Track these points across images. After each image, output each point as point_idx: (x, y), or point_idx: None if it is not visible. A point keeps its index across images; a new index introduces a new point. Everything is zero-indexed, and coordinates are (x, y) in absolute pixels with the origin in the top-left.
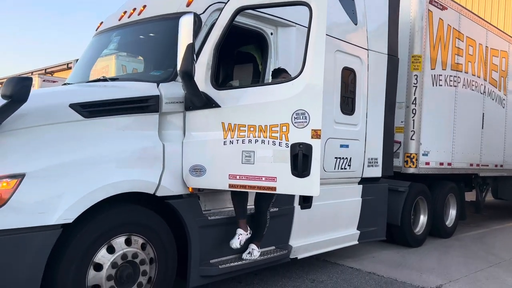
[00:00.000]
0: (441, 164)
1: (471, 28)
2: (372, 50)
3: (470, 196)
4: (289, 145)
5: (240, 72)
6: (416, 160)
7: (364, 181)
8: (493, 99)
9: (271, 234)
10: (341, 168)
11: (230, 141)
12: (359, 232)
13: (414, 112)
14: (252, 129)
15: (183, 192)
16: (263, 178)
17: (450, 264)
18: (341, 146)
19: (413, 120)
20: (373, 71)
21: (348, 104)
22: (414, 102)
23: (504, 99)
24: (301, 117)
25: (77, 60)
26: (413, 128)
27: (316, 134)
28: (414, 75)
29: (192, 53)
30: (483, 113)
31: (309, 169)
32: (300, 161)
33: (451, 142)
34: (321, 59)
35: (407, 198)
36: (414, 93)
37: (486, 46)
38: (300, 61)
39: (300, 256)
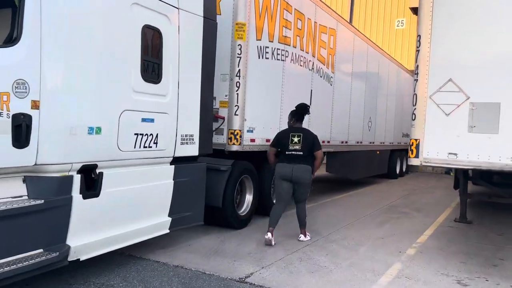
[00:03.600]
0: (268, 140)
1: (300, 1)
2: (184, 9)
3: None
4: (11, 116)
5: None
6: (240, 136)
7: (177, 160)
8: (321, 76)
9: (37, 234)
10: (145, 147)
11: None
12: (170, 219)
13: (238, 85)
14: None
15: None
16: None
17: (268, 247)
18: (144, 120)
19: (237, 94)
20: (186, 34)
21: (152, 71)
22: (238, 75)
23: (332, 77)
24: (21, 87)
25: None
26: (237, 103)
27: (35, 105)
28: (238, 45)
29: None
30: (311, 90)
31: (29, 140)
32: (24, 131)
33: (279, 118)
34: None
35: (229, 178)
36: (238, 65)
37: (315, 22)
38: None
39: (84, 257)
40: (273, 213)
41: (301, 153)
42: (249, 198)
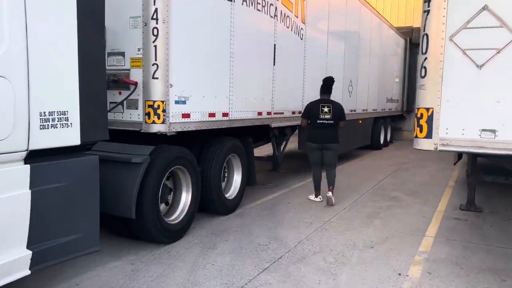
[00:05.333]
0: (212, 115)
1: None
2: None
3: (268, 148)
4: None
5: None
6: (164, 111)
7: (37, 155)
8: (288, 27)
9: None
10: None
11: None
12: (30, 253)
13: (156, 33)
14: None
15: None
16: None
17: (203, 277)
18: None
19: (155, 46)
20: None
21: None
22: (155, 17)
23: (302, 29)
24: None
25: None
26: (156, 60)
27: None
28: None
29: None
30: (275, 45)
31: None
32: None
33: (228, 83)
34: None
35: (148, 173)
36: (155, 2)
37: None
38: None
39: None
40: (314, 178)
41: (332, 121)
42: (185, 198)
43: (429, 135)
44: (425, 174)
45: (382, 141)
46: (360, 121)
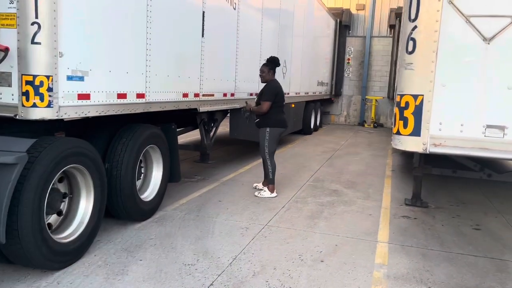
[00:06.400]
0: (122, 96)
1: None
2: None
3: (195, 134)
4: None
5: None
6: (51, 89)
7: None
8: None
9: None
10: None
11: None
12: None
13: None
14: None
15: None
16: None
17: None
18: None
19: None
20: None
21: None
22: None
23: None
24: None
25: None
26: (38, 18)
27: None
28: None
29: None
30: (204, 12)
31: None
32: None
33: (144, 55)
34: None
35: (26, 178)
36: None
37: None
38: None
39: None
40: (275, 170)
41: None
42: (85, 206)
43: (416, 132)
44: (360, 162)
45: (312, 125)
46: (293, 105)
